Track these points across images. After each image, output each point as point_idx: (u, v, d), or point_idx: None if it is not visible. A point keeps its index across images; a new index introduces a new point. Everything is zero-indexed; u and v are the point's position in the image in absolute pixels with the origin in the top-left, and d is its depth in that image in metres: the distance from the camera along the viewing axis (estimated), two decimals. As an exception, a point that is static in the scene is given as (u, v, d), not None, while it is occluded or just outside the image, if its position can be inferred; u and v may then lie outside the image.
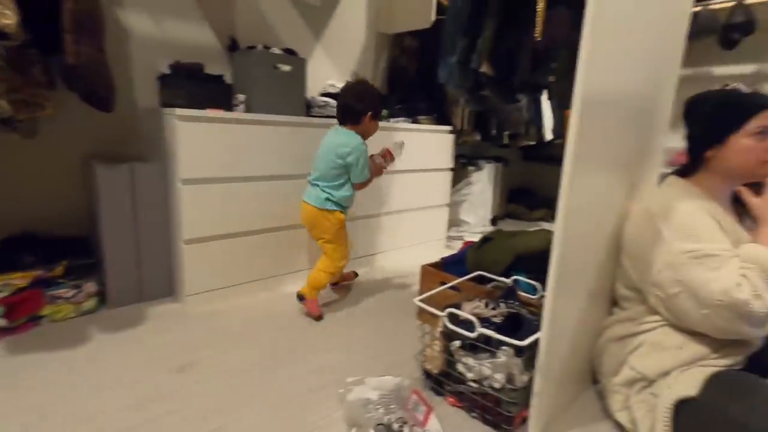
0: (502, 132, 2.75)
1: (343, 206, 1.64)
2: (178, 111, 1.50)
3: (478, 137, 2.59)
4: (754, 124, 0.95)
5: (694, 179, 1.07)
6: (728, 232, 0.98)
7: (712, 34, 2.54)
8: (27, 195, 1.63)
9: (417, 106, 2.45)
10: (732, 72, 2.75)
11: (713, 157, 1.02)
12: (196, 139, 1.55)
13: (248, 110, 1.80)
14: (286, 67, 1.89)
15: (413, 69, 2.61)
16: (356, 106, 1.56)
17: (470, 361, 1.07)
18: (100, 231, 1.52)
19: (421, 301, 1.20)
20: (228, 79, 1.91)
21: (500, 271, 1.44)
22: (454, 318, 1.09)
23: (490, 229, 3.03)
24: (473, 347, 1.06)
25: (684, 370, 0.94)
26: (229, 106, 1.80)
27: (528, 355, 1.00)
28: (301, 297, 1.64)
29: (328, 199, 1.60)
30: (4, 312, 1.33)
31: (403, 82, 2.65)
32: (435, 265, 1.65)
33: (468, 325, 1.04)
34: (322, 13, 2.38)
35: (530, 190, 3.75)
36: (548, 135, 2.89)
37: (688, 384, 0.91)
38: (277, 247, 1.85)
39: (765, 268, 0.87)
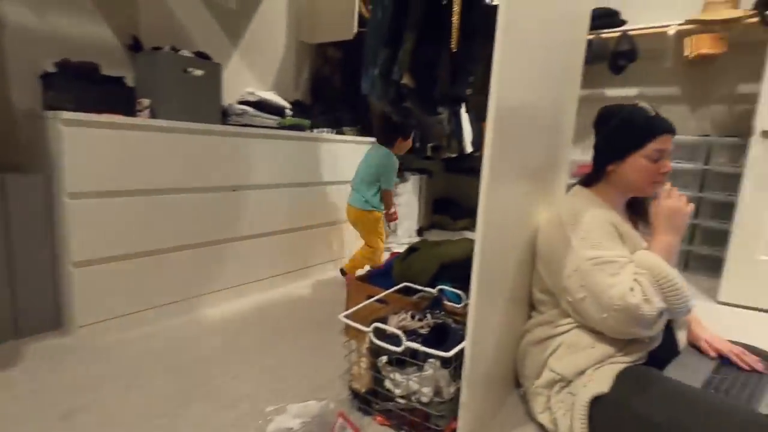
0: (426, 144, 2.82)
1: (377, 207, 2.04)
2: (64, 114, 1.31)
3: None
4: (653, 147, 1.04)
5: (596, 189, 1.15)
6: (627, 238, 1.06)
7: (604, 60, 2.85)
8: None
9: (341, 117, 2.42)
10: (620, 94, 3.10)
11: (613, 171, 1.10)
12: (87, 147, 1.36)
13: (154, 116, 1.63)
14: (198, 72, 1.75)
15: (337, 79, 2.59)
16: (388, 135, 2.03)
17: (398, 376, 1.03)
18: (-40, 256, 1.26)
19: (347, 316, 1.15)
20: (130, 81, 1.72)
21: (426, 281, 1.44)
22: (380, 333, 1.05)
23: (416, 239, 3.08)
24: (400, 362, 1.03)
25: (597, 368, 0.99)
26: (131, 112, 1.62)
27: (455, 366, 0.99)
28: (343, 272, 2.10)
29: (366, 202, 2.01)
30: None
31: (327, 93, 2.61)
32: (361, 278, 1.61)
33: (394, 340, 1.01)
34: (239, 17, 2.27)
35: (454, 201, 3.89)
36: (468, 147, 3.02)
37: (601, 381, 0.96)
38: (191, 267, 1.69)
39: (655, 274, 0.95)
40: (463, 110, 2.67)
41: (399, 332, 0.99)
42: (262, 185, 1.91)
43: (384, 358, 1.06)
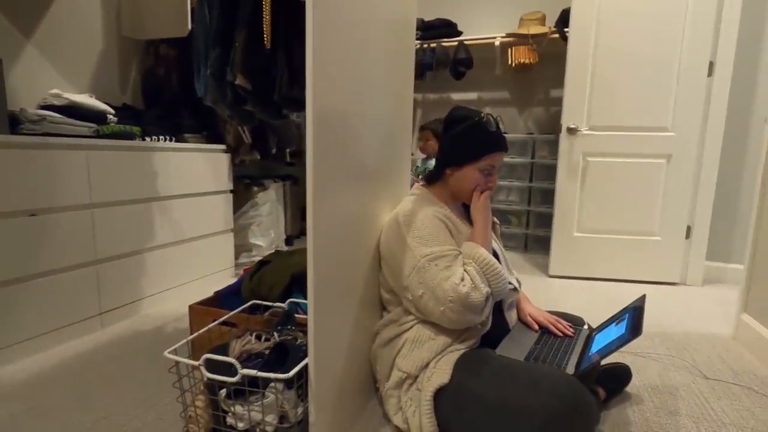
0: (284, 149, 2.72)
1: None
2: None
3: (257, 156, 2.48)
4: (487, 161, 1.11)
5: (434, 188, 1.21)
6: (460, 234, 1.13)
7: (446, 67, 3.10)
8: None
9: (181, 123, 2.17)
10: (463, 98, 3.42)
11: (450, 175, 1.16)
12: None
13: None
14: (-35, 68, 1.38)
15: (174, 81, 2.32)
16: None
17: (238, 408, 0.93)
18: None
19: (174, 351, 1.00)
20: None
21: (278, 296, 1.35)
22: (213, 364, 0.93)
23: (285, 249, 2.95)
24: (241, 392, 0.93)
25: (438, 360, 1.03)
26: None
27: (299, 384, 0.93)
28: None
29: None
30: None
31: (163, 96, 2.32)
32: (208, 301, 1.44)
33: (229, 369, 0.90)
34: (28, 3, 1.86)
35: (323, 206, 3.84)
36: (329, 152, 3.00)
37: (443, 371, 1.00)
38: (-29, 318, 1.31)
39: (479, 262, 1.02)
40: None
41: (233, 360, 0.89)
42: (73, 206, 1.59)
43: (223, 392, 0.94)
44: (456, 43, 3.07)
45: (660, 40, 2.25)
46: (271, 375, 0.86)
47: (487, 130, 1.11)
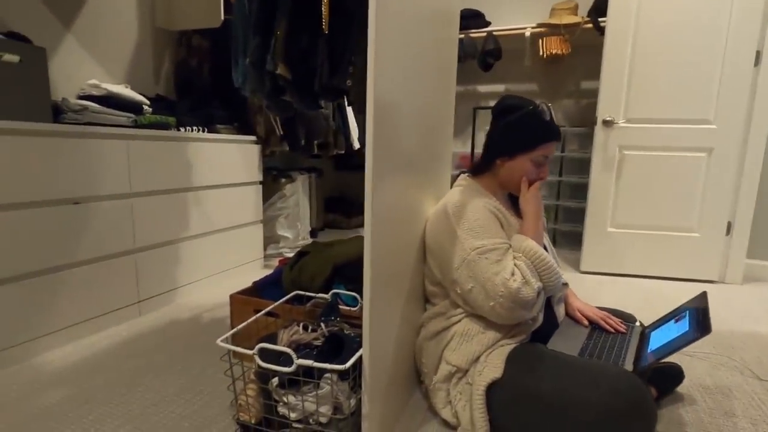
0: (312, 141, 2.71)
1: None
2: None
3: (286, 147, 2.47)
4: (540, 151, 1.08)
5: (482, 178, 1.18)
6: (511, 226, 1.10)
7: (474, 58, 3.04)
8: None
9: (213, 114, 2.17)
10: (490, 90, 3.36)
11: (501, 165, 1.13)
12: None
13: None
14: (12, 57, 1.39)
15: (206, 72, 2.32)
16: None
17: (291, 399, 0.92)
18: None
19: (227, 339, 1.00)
20: None
21: (319, 286, 1.34)
22: (267, 354, 0.93)
23: (309, 242, 2.95)
24: (294, 382, 0.92)
25: (489, 353, 1.01)
26: None
27: (354, 376, 0.92)
28: None
29: None
30: None
31: (195, 87, 2.33)
32: (247, 291, 1.44)
33: (284, 359, 0.90)
34: (72, -5, 1.88)
35: (347, 199, 3.84)
36: (356, 144, 2.99)
37: (494, 366, 0.97)
38: (21, 303, 1.34)
39: (530, 256, 0.99)
40: (346, 103, 2.62)
41: (288, 350, 0.88)
42: (113, 195, 1.60)
43: (275, 381, 0.94)
44: (485, 34, 3.01)
45: (704, 28, 2.17)
46: (328, 366, 0.85)
47: (542, 119, 1.08)
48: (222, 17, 2.09)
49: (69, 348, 1.45)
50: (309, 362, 0.87)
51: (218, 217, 2.11)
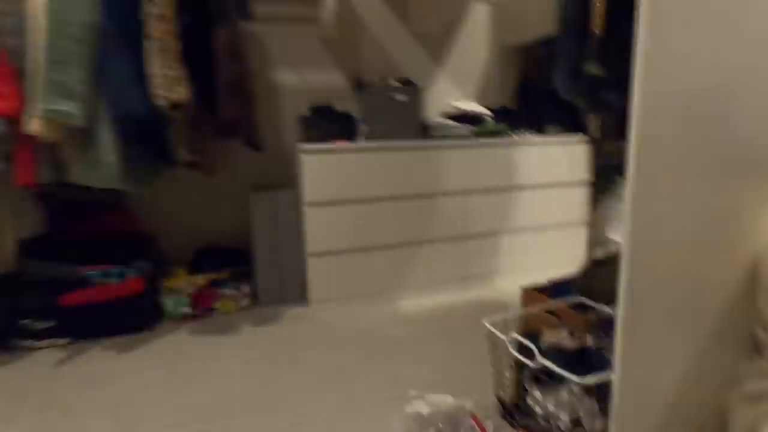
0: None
1: None
2: (304, 145, 1.82)
3: (623, 145, 2.23)
4: None
5: None
6: None
7: None
8: (210, 217, 2.19)
9: (543, 116, 2.29)
10: None
11: None
12: (318, 169, 1.83)
13: (369, 139, 2.01)
14: (402, 97, 2.05)
15: (543, 78, 2.45)
16: None
17: (537, 394, 0.97)
18: (253, 245, 1.93)
19: (496, 323, 1.14)
20: (356, 114, 2.17)
21: (606, 300, 1.23)
22: (520, 344, 1.01)
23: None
24: (539, 379, 0.96)
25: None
26: (353, 138, 2.04)
27: (601, 396, 0.86)
28: None
29: None
30: (189, 303, 1.81)
31: (532, 94, 2.51)
32: (540, 288, 1.51)
33: (530, 353, 0.95)
34: (444, 38, 2.48)
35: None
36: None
37: None
38: (393, 264, 1.99)
39: None
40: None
41: (531, 345, 0.93)
42: (453, 191, 2.05)
43: (527, 372, 1.01)
44: None
45: None
46: (564, 372, 0.85)
47: None
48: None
49: (413, 302, 2.01)
50: (548, 363, 0.89)
51: (542, 215, 2.23)
